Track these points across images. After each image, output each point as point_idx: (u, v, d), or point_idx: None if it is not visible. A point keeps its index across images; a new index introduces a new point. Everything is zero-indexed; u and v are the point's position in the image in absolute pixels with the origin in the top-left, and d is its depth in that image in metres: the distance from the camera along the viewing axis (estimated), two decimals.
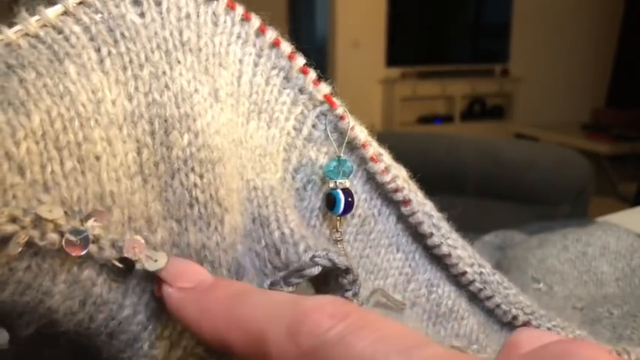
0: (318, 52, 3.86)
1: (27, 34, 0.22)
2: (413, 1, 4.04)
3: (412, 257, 0.32)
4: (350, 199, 0.28)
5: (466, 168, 1.46)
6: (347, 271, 0.23)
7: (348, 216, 0.29)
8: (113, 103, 0.22)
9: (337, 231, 0.28)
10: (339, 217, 0.28)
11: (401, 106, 3.92)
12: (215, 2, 0.25)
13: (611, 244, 0.49)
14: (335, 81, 0.30)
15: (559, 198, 1.42)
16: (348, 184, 0.28)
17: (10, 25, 0.22)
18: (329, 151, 0.29)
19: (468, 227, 0.46)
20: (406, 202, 0.30)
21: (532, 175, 1.43)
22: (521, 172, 1.43)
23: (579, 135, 3.69)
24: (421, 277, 0.32)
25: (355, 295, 0.24)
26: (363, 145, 0.29)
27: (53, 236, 0.18)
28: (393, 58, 3.97)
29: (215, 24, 0.25)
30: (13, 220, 0.18)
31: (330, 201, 0.28)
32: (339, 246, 0.28)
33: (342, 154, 0.28)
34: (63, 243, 0.19)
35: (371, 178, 0.30)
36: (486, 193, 1.45)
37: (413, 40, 4.10)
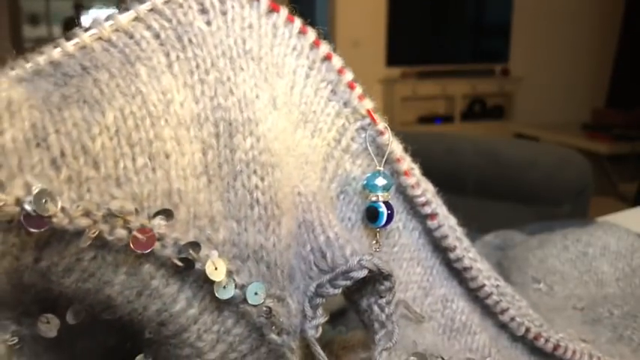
0: None
1: (100, 38, 0.23)
2: (413, 1, 4.04)
3: (430, 272, 0.32)
4: (390, 212, 0.28)
5: (466, 168, 1.45)
6: (387, 277, 0.24)
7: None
8: (181, 104, 0.23)
9: (377, 242, 0.29)
10: (378, 229, 0.29)
11: (401, 106, 3.91)
12: (275, 14, 0.26)
13: (612, 244, 0.48)
14: None
15: (559, 198, 1.41)
16: (389, 197, 0.29)
17: (85, 29, 0.23)
18: (363, 164, 0.29)
19: (468, 227, 0.46)
20: (433, 215, 0.31)
21: (532, 175, 1.42)
22: (522, 172, 1.43)
23: (579, 135, 3.69)
24: (437, 292, 0.32)
25: (389, 303, 0.25)
26: (398, 160, 0.30)
27: (122, 232, 0.19)
28: (393, 58, 3.97)
29: (274, 35, 0.26)
30: (87, 214, 0.19)
31: (371, 214, 0.28)
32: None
33: (381, 167, 0.29)
34: (130, 240, 0.19)
35: (400, 192, 0.31)
36: (486, 192, 1.45)
37: (413, 40, 4.10)
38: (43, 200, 0.17)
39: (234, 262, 0.22)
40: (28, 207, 0.17)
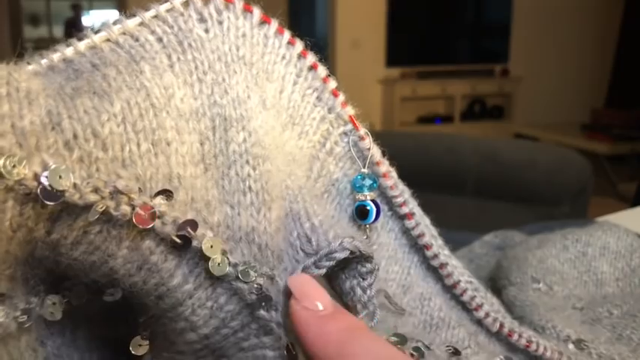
0: (318, 52, 3.84)
1: (108, 40, 0.25)
2: (413, 1, 4.04)
3: (407, 272, 0.34)
4: (377, 209, 0.31)
5: (466, 168, 1.46)
6: (368, 260, 0.26)
7: (355, 227, 0.32)
8: (181, 99, 0.25)
9: (367, 237, 0.32)
10: (367, 226, 0.31)
11: (401, 106, 3.92)
12: (267, 26, 0.29)
13: (611, 244, 0.48)
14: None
15: (559, 198, 1.42)
16: (375, 196, 0.31)
17: (95, 31, 0.26)
18: (344, 166, 0.32)
19: (468, 227, 0.46)
20: (410, 215, 0.33)
21: (532, 175, 1.43)
22: (521, 172, 1.43)
23: (579, 135, 3.69)
24: (415, 290, 0.34)
25: (370, 285, 0.26)
26: (378, 163, 0.32)
27: (126, 208, 0.21)
28: (393, 58, 3.98)
29: (265, 44, 0.29)
30: (96, 190, 0.20)
31: (361, 212, 0.31)
32: None
33: (366, 170, 0.31)
34: (133, 215, 0.21)
35: (379, 193, 0.33)
36: (486, 192, 1.45)
37: (413, 40, 4.10)
38: (58, 176, 0.20)
39: (227, 243, 0.24)
40: (44, 181, 0.19)
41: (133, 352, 0.25)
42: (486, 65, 4.22)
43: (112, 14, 4.24)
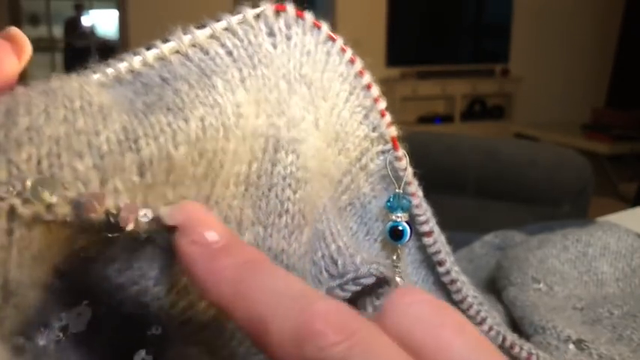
0: None
1: (177, 52, 0.24)
2: (413, 1, 4.04)
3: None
4: (411, 230, 0.31)
5: (466, 168, 1.45)
6: (388, 283, 0.26)
7: (372, 240, 0.32)
8: (247, 118, 0.24)
9: (397, 257, 0.32)
10: (400, 246, 0.32)
11: (401, 106, 3.92)
12: (330, 42, 0.28)
13: (612, 245, 0.48)
14: None
15: (559, 198, 1.42)
16: (407, 217, 0.31)
17: (164, 41, 0.24)
18: (374, 182, 0.32)
19: (468, 227, 0.46)
20: (429, 233, 0.33)
21: (532, 175, 1.43)
22: (522, 171, 1.43)
23: (579, 135, 3.69)
24: None
25: (382, 306, 0.26)
26: (408, 183, 0.32)
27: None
28: (393, 58, 3.97)
29: (327, 62, 0.28)
30: (152, 221, 0.19)
31: (395, 232, 0.31)
32: (398, 269, 0.32)
33: (400, 190, 0.31)
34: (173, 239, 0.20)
35: None
36: (486, 192, 1.45)
37: (413, 40, 4.10)
38: (126, 213, 0.18)
39: None
40: (112, 220, 0.18)
41: None
42: (486, 65, 4.22)
43: (112, 14, 4.24)
